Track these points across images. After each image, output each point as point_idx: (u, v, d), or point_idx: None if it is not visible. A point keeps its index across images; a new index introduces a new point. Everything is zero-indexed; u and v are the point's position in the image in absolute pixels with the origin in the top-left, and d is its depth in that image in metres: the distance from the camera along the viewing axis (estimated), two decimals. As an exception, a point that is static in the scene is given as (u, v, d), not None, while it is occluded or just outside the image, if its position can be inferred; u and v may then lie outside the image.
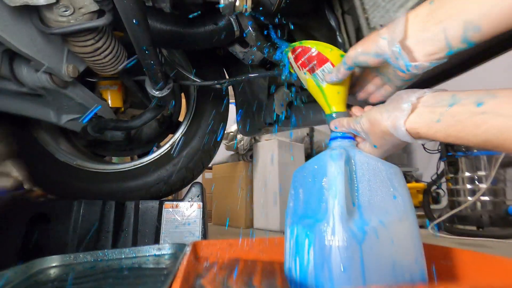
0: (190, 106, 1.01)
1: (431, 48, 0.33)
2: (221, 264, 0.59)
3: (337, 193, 0.37)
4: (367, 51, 0.37)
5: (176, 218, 0.85)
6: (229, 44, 0.76)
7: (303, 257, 0.40)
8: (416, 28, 0.34)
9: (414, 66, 0.34)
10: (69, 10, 0.49)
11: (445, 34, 0.32)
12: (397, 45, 0.33)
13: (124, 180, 0.91)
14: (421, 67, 0.34)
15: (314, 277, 0.37)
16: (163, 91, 0.71)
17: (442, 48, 0.33)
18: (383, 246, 0.36)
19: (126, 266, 0.62)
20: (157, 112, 0.83)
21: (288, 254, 0.45)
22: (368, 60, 0.37)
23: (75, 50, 0.57)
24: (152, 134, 1.09)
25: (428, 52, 0.34)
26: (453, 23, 0.31)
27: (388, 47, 0.34)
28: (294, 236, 0.43)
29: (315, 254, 0.38)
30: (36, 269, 0.59)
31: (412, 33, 0.34)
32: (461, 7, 0.30)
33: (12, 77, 0.59)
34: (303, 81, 0.49)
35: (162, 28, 0.65)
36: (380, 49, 0.35)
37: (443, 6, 0.32)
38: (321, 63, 0.45)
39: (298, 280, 0.40)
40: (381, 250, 0.36)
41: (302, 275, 0.40)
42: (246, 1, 0.50)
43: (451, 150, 1.62)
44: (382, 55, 0.36)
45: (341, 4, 0.62)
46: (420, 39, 0.33)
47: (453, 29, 0.31)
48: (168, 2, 0.55)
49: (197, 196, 0.87)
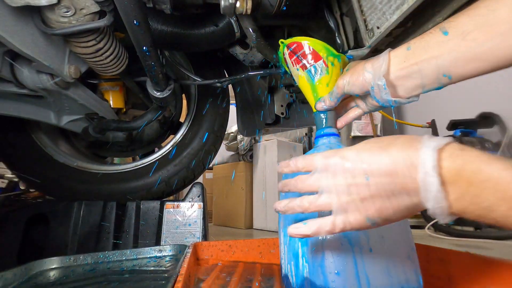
0: (191, 107, 1.02)
1: (409, 84, 0.36)
2: (221, 267, 0.59)
3: None
4: (354, 83, 0.40)
5: (177, 219, 0.85)
6: (230, 45, 0.76)
7: (297, 262, 0.39)
8: (396, 67, 0.37)
9: (394, 101, 0.38)
10: (70, 11, 0.49)
11: (421, 74, 0.35)
12: (383, 79, 0.36)
13: (126, 181, 0.91)
14: (399, 102, 0.38)
15: (310, 283, 0.37)
16: (164, 92, 0.71)
17: (418, 86, 0.36)
18: (376, 248, 0.36)
19: (127, 268, 0.62)
20: (158, 113, 0.83)
21: (284, 259, 0.44)
22: (355, 91, 0.40)
23: (76, 51, 0.58)
24: (153, 135, 1.09)
25: (406, 89, 0.37)
26: (428, 66, 0.34)
27: (374, 81, 0.37)
28: (287, 240, 0.42)
29: (309, 258, 0.37)
30: (36, 271, 0.59)
31: (393, 70, 0.37)
32: (435, 53, 0.34)
33: (13, 78, 0.59)
34: (295, 78, 0.49)
35: (163, 29, 0.65)
36: (366, 81, 0.38)
37: (419, 52, 0.35)
38: (314, 60, 0.45)
39: (295, 285, 0.40)
40: (375, 252, 0.36)
41: (299, 281, 0.39)
42: (246, 3, 0.51)
43: None
44: (367, 87, 0.39)
45: (340, 6, 0.62)
46: (399, 76, 0.37)
47: (428, 71, 0.35)
48: (168, 4, 0.56)
49: (198, 196, 0.87)
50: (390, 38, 0.52)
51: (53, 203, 0.82)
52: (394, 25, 0.47)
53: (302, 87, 0.48)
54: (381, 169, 0.27)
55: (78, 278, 0.55)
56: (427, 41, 0.34)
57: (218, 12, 0.56)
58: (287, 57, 0.49)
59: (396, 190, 0.27)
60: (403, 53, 0.36)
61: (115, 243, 0.79)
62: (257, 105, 0.98)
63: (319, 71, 0.45)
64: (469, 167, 0.24)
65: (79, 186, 0.88)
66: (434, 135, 0.30)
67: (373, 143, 0.30)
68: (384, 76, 0.36)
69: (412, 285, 0.36)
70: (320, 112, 0.45)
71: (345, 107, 0.48)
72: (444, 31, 0.33)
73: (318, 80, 0.45)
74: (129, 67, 0.70)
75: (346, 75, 0.41)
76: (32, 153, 0.88)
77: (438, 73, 0.34)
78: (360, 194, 0.28)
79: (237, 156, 2.28)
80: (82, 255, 0.64)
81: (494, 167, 0.23)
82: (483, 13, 0.30)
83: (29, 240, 0.77)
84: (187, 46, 0.71)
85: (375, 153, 0.28)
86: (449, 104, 1.87)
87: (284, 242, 0.43)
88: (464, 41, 0.31)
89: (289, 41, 0.48)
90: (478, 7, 0.31)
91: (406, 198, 0.27)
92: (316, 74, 0.45)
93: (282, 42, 0.50)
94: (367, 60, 0.40)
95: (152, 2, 0.55)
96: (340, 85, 0.41)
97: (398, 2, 0.45)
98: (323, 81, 0.45)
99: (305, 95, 0.48)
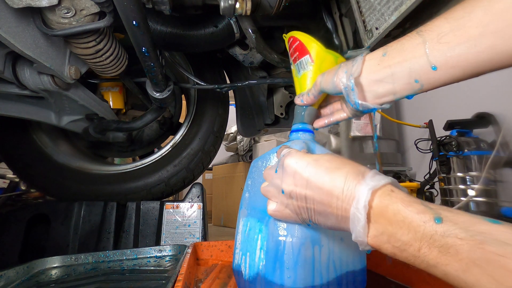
0: (190, 108, 1.02)
1: (381, 90, 0.36)
2: (221, 267, 0.60)
3: None
4: (328, 80, 0.39)
5: (176, 219, 0.85)
6: (229, 46, 0.77)
7: (254, 254, 0.39)
8: (370, 69, 0.36)
9: (361, 104, 0.36)
10: (70, 12, 0.49)
11: (393, 78, 0.34)
12: (352, 80, 0.36)
13: (126, 181, 0.91)
14: (366, 106, 0.37)
15: (263, 277, 0.37)
16: (163, 93, 0.72)
17: (389, 92, 0.35)
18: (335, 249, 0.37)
19: (127, 267, 0.62)
20: (158, 113, 0.83)
21: (238, 249, 0.43)
22: (329, 89, 0.40)
23: (77, 52, 0.58)
24: (153, 135, 1.09)
25: (377, 94, 0.36)
26: (401, 69, 0.33)
27: (345, 81, 0.36)
28: (246, 230, 0.42)
29: (267, 249, 0.37)
30: (38, 269, 0.59)
31: (366, 72, 0.36)
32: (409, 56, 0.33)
33: (15, 79, 0.60)
34: (291, 70, 0.50)
35: (162, 30, 0.65)
36: (338, 81, 0.37)
37: (394, 54, 0.34)
38: (302, 54, 0.45)
39: (247, 277, 0.39)
40: (334, 253, 0.37)
41: (252, 273, 0.38)
42: (246, 4, 0.51)
43: (443, 149, 1.62)
44: (338, 87, 0.38)
45: (339, 7, 0.63)
46: (372, 80, 0.36)
47: (400, 74, 0.34)
48: (168, 5, 0.56)
49: (198, 197, 0.88)
50: (389, 39, 0.53)
51: (54, 203, 0.82)
52: (392, 26, 0.47)
53: (294, 81, 0.49)
54: (321, 188, 0.30)
55: (79, 277, 0.56)
56: (403, 43, 0.34)
57: (217, 13, 0.56)
58: (287, 50, 0.50)
59: (327, 211, 0.30)
60: (379, 57, 0.36)
61: (115, 243, 0.80)
62: (257, 106, 0.99)
63: (304, 65, 0.45)
64: (391, 208, 0.26)
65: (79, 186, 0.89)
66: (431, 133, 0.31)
67: (325, 161, 0.32)
68: (356, 78, 0.36)
69: None
70: (299, 107, 0.45)
71: (332, 108, 0.47)
72: (421, 34, 0.32)
73: (302, 75, 0.45)
74: (129, 67, 0.71)
75: (325, 73, 0.41)
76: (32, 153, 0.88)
77: (409, 77, 0.33)
78: (298, 200, 0.33)
79: (237, 156, 2.28)
80: (83, 254, 0.65)
81: (411, 209, 0.25)
82: (460, 15, 0.29)
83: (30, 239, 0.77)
84: (187, 47, 0.71)
85: (321, 172, 0.31)
86: (446, 105, 1.88)
87: (243, 231, 0.43)
88: (438, 44, 0.30)
89: (289, 35, 0.49)
90: (456, 10, 0.30)
91: (334, 220, 0.30)
92: (301, 68, 0.45)
93: (284, 36, 0.50)
94: (346, 61, 0.40)
95: (151, 3, 0.55)
96: (317, 82, 0.41)
97: (397, 3, 0.45)
98: (306, 76, 0.45)
99: (295, 88, 0.49)
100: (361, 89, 0.37)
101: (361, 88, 0.37)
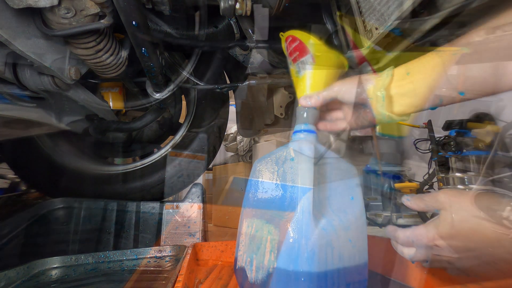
0: (190, 108, 1.02)
1: (403, 102, 0.38)
2: (221, 267, 0.60)
3: (306, 187, 0.36)
4: (349, 90, 0.41)
5: (176, 219, 0.85)
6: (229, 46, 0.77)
7: (263, 255, 0.37)
8: (395, 84, 0.39)
9: (388, 115, 0.39)
10: (70, 12, 0.49)
11: (415, 93, 0.37)
12: (383, 91, 0.38)
13: (126, 182, 0.91)
14: (390, 117, 0.39)
15: (276, 277, 0.35)
16: (163, 93, 0.72)
17: (411, 106, 0.38)
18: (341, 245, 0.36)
19: (127, 268, 0.62)
20: (158, 114, 0.83)
21: (242, 250, 0.42)
22: (347, 99, 0.41)
23: (77, 52, 0.58)
24: (153, 135, 1.09)
25: (401, 105, 0.39)
26: (422, 85, 0.37)
27: (373, 92, 0.39)
28: (252, 231, 0.40)
29: (279, 251, 0.35)
30: (38, 269, 0.59)
31: (393, 85, 0.39)
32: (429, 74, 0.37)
33: (15, 80, 0.60)
34: (290, 70, 0.49)
35: (162, 30, 0.65)
36: (364, 91, 0.40)
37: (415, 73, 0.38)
38: (302, 54, 0.45)
39: (254, 279, 0.38)
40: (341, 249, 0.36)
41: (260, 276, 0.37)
42: (246, 4, 0.51)
43: (442, 149, 1.63)
44: (364, 97, 0.40)
45: (339, 7, 0.63)
46: (397, 93, 0.39)
47: (421, 90, 0.37)
48: (167, 5, 0.56)
49: (198, 197, 0.88)
50: (389, 39, 0.53)
51: (54, 203, 0.82)
52: (392, 26, 0.47)
53: (293, 80, 0.48)
54: None
55: (79, 277, 0.56)
56: (423, 63, 0.37)
57: (217, 14, 0.56)
58: (285, 49, 0.49)
59: None
60: (403, 73, 0.39)
61: (115, 243, 0.80)
62: (256, 106, 0.99)
63: (305, 65, 0.44)
64: None
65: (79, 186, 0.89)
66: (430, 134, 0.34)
67: None
68: (385, 89, 0.38)
69: None
70: (302, 108, 0.44)
71: (331, 115, 0.47)
72: (440, 54, 0.36)
73: (303, 75, 0.44)
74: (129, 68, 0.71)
75: (345, 81, 0.42)
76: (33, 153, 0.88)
77: (430, 92, 0.36)
78: None
79: (237, 157, 2.28)
80: (83, 255, 0.64)
81: None
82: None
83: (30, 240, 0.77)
84: (187, 47, 0.71)
85: None
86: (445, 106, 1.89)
87: (247, 232, 0.41)
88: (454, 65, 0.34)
89: (287, 34, 0.48)
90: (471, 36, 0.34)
91: None
92: (302, 69, 0.45)
93: (282, 35, 0.50)
94: (363, 74, 0.41)
95: (151, 3, 0.56)
96: (335, 90, 0.42)
97: (396, 3, 0.45)
98: (308, 77, 0.44)
99: (295, 88, 0.48)
100: (389, 100, 0.39)
101: (389, 99, 0.39)
